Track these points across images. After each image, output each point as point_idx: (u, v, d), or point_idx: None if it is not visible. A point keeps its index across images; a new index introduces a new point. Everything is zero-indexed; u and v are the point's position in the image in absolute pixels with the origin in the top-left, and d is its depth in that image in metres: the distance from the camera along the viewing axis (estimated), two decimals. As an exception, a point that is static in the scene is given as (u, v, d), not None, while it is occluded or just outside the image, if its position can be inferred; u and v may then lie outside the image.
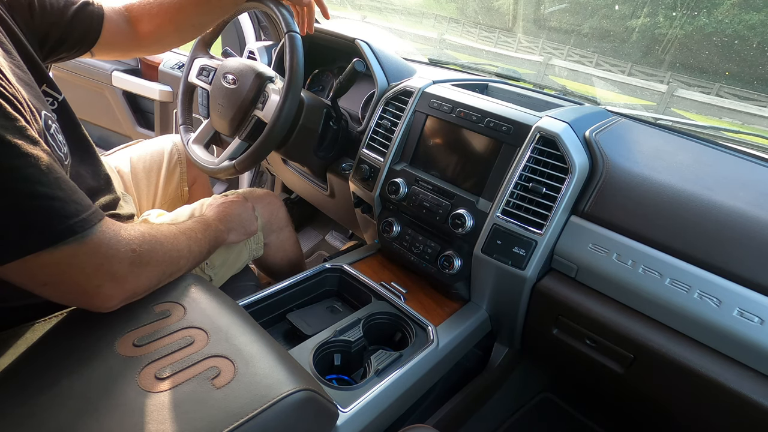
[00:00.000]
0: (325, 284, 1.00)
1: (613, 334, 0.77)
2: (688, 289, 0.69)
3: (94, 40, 0.79)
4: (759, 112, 1.61)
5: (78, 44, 0.78)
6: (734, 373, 0.67)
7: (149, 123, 1.93)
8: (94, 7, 0.78)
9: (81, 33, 0.77)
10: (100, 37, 0.79)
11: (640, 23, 2.09)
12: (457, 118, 0.91)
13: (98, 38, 0.79)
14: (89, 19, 0.77)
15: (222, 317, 0.62)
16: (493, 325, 1.00)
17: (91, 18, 0.77)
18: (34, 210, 0.47)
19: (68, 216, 0.49)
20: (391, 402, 0.72)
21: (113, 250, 0.54)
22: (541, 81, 1.48)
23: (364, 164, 1.03)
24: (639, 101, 2.08)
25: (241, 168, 0.92)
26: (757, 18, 1.61)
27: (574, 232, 0.80)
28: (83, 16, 0.76)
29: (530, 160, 0.81)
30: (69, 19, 0.74)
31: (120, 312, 0.61)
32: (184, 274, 0.71)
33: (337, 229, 1.80)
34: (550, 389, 1.15)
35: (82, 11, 0.76)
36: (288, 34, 0.85)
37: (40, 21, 0.69)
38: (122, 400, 0.49)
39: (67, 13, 0.73)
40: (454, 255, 0.90)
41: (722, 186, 0.77)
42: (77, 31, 0.76)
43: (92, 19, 0.77)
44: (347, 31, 1.19)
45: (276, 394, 0.51)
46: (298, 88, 0.87)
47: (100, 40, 0.79)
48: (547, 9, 2.19)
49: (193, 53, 1.06)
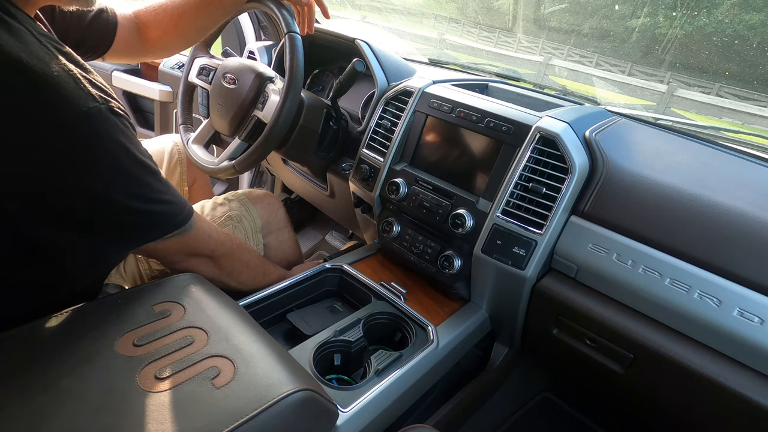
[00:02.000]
0: (325, 284, 1.00)
1: (613, 334, 0.77)
2: (688, 289, 0.69)
3: (108, 46, 0.81)
4: (759, 112, 1.61)
5: (92, 49, 0.79)
6: (734, 373, 0.67)
7: (149, 123, 1.93)
8: (109, 14, 0.79)
9: (96, 39, 0.78)
10: (113, 43, 0.81)
11: (640, 23, 2.09)
12: (457, 118, 0.91)
13: (112, 44, 0.80)
14: (105, 25, 0.78)
15: (222, 317, 0.62)
16: (493, 325, 1.00)
17: (106, 25, 0.79)
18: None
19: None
20: (391, 402, 0.72)
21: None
22: (541, 81, 1.48)
23: (364, 164, 1.03)
24: (639, 101, 2.08)
25: (241, 168, 0.92)
26: (757, 18, 1.61)
27: (574, 232, 0.80)
28: (99, 22, 0.77)
29: (530, 160, 0.81)
30: (86, 25, 0.75)
31: (120, 312, 0.61)
32: (183, 273, 0.71)
33: (337, 229, 1.80)
34: (550, 389, 1.15)
35: (98, 18, 0.77)
36: (288, 35, 0.85)
37: (60, 25, 0.70)
38: (122, 400, 0.49)
39: (85, 20, 0.75)
40: (454, 255, 0.90)
41: (722, 186, 0.77)
42: (93, 37, 0.77)
43: (107, 26, 0.79)
44: (347, 31, 1.19)
45: (276, 394, 0.51)
46: (298, 88, 0.87)
47: (112, 48, 0.81)
48: (547, 9, 2.19)
49: (193, 53, 1.06)
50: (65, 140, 0.51)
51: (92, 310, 0.62)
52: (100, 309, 0.62)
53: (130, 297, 0.65)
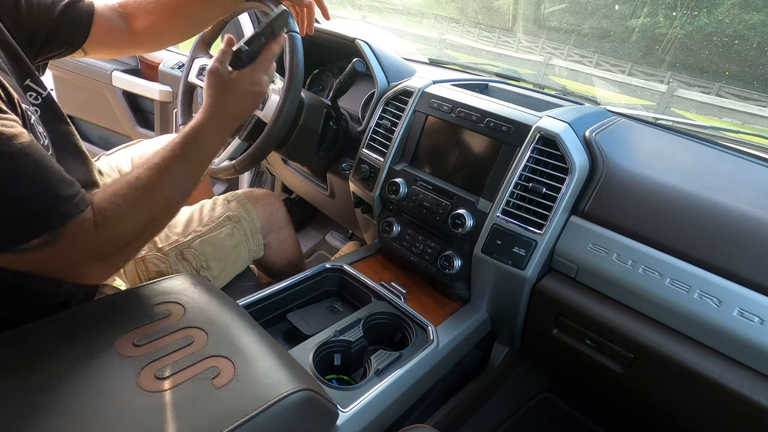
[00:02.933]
0: (325, 284, 1.00)
1: (613, 334, 0.77)
2: (688, 289, 0.69)
3: (84, 37, 0.77)
4: (759, 112, 1.61)
5: (67, 42, 0.76)
6: (734, 373, 0.67)
7: (149, 123, 1.93)
8: (84, 4, 0.76)
9: (69, 31, 0.75)
10: (91, 34, 0.77)
11: (640, 23, 2.09)
12: (457, 118, 0.91)
13: (88, 36, 0.77)
14: (78, 16, 0.75)
15: (222, 317, 0.62)
16: (493, 325, 1.00)
17: (80, 15, 0.75)
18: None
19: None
20: (391, 402, 0.72)
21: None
22: (541, 81, 1.48)
23: (364, 164, 1.03)
24: (639, 101, 2.08)
25: (241, 168, 0.92)
26: (757, 18, 1.61)
27: (574, 232, 0.80)
28: (71, 13, 0.74)
29: (530, 160, 0.81)
30: (56, 17, 0.72)
31: (120, 312, 0.61)
32: (183, 273, 0.71)
33: (337, 229, 1.80)
34: (550, 389, 1.15)
35: (71, 8, 0.74)
36: (288, 35, 0.85)
37: (27, 19, 0.68)
38: (122, 400, 0.49)
39: (55, 11, 0.72)
40: (454, 255, 0.90)
41: (722, 186, 0.77)
42: (65, 29, 0.74)
43: (81, 17, 0.75)
44: (347, 31, 1.19)
45: (276, 394, 0.51)
46: (298, 88, 0.87)
47: (91, 38, 0.78)
48: (547, 9, 2.19)
49: (193, 53, 1.06)
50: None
51: (92, 310, 0.62)
52: (100, 309, 0.62)
53: (129, 297, 0.65)
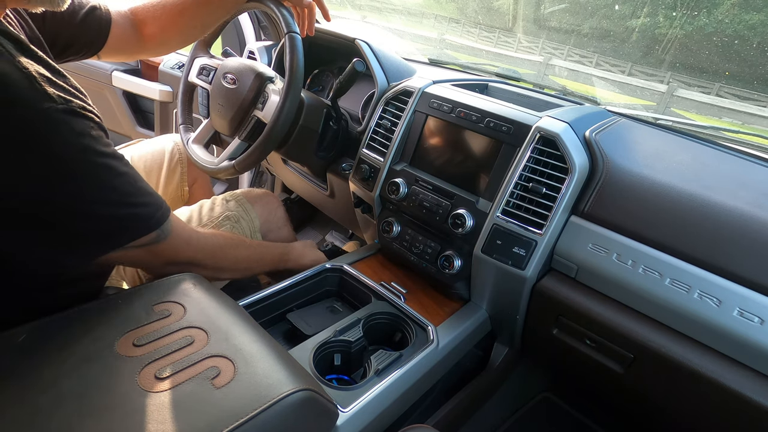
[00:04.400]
0: (325, 284, 0.99)
1: (613, 334, 0.77)
2: (688, 289, 0.69)
3: (102, 44, 0.80)
4: (759, 112, 1.61)
5: (86, 48, 0.78)
6: (734, 373, 0.67)
7: (149, 123, 1.93)
8: (102, 11, 0.78)
9: (90, 37, 0.77)
10: (108, 41, 0.80)
11: (640, 23, 2.09)
12: (457, 118, 0.91)
13: (106, 42, 0.80)
14: (97, 23, 0.77)
15: (222, 317, 0.62)
16: (493, 325, 1.00)
17: (99, 22, 0.77)
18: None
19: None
20: (391, 402, 0.72)
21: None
22: (541, 81, 1.48)
23: (364, 164, 1.03)
24: (639, 101, 2.08)
25: (241, 168, 0.92)
26: (757, 18, 1.61)
27: (574, 232, 0.80)
28: (92, 20, 0.76)
29: (530, 160, 0.81)
30: (78, 24, 0.74)
31: (120, 312, 0.61)
32: (183, 273, 0.71)
33: (337, 229, 1.80)
34: (550, 389, 1.15)
35: (91, 15, 0.76)
36: (288, 35, 0.85)
37: (50, 25, 0.69)
38: (122, 400, 0.49)
39: (77, 18, 0.74)
40: (454, 255, 0.90)
41: (722, 186, 0.77)
42: (86, 36, 0.76)
43: (100, 24, 0.78)
44: (347, 31, 1.19)
45: (276, 394, 0.51)
46: (298, 89, 0.87)
47: (107, 44, 0.80)
48: (547, 9, 2.19)
49: (194, 53, 1.06)
50: (15, 141, 0.49)
51: (92, 310, 0.62)
52: (100, 309, 0.62)
53: (129, 297, 0.65)
